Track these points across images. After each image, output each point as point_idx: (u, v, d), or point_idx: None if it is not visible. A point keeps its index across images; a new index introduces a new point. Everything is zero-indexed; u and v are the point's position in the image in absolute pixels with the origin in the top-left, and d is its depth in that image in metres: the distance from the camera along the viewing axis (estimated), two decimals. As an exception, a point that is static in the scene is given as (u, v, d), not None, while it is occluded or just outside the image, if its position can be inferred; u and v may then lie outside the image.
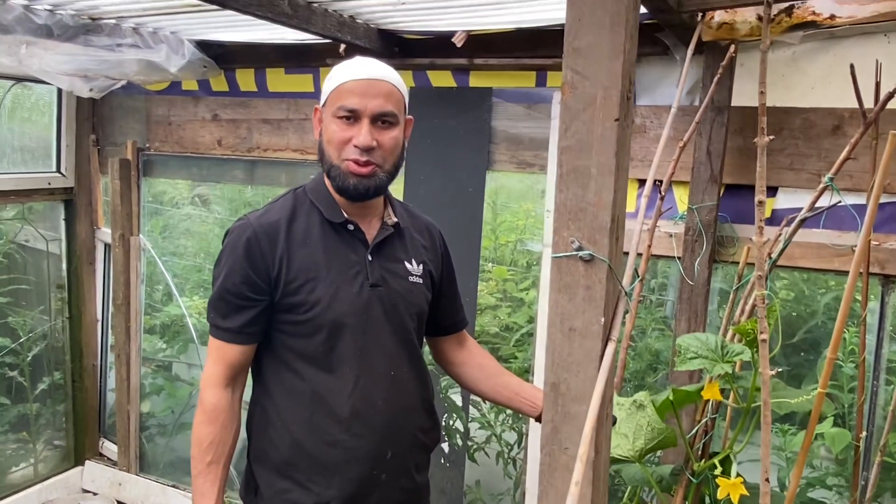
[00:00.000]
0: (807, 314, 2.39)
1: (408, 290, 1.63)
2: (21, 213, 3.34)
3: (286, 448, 1.58)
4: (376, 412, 1.57)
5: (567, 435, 1.09)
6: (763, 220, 1.07)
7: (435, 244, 1.76)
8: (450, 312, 1.82)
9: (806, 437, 1.40)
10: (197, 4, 2.19)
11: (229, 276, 1.54)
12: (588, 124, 1.04)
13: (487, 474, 2.95)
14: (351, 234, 1.59)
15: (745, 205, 2.22)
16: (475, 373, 1.83)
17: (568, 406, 1.09)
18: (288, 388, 1.59)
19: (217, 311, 1.57)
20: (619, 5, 1.00)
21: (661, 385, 2.55)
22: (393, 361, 1.60)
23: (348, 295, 1.55)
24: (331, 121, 1.53)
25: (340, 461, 1.56)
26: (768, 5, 1.01)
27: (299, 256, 1.54)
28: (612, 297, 1.08)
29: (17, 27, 2.35)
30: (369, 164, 1.51)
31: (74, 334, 3.58)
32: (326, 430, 1.56)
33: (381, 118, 1.52)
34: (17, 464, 3.41)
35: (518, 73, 2.57)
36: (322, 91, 1.58)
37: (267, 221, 1.56)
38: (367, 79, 1.52)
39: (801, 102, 2.11)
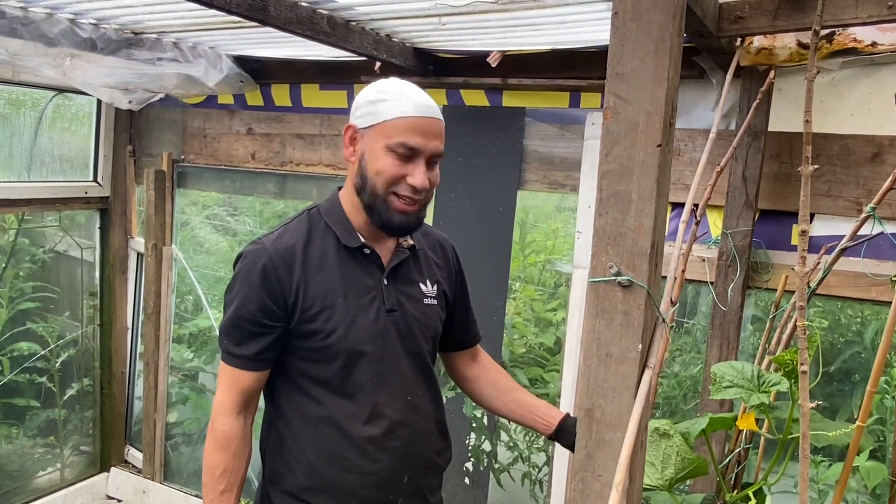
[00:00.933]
0: (840, 343, 2.35)
1: (423, 314, 1.61)
2: (59, 222, 3.39)
3: (302, 472, 1.56)
4: (393, 437, 1.56)
5: (601, 462, 1.08)
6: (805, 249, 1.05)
7: (448, 261, 1.73)
8: (463, 328, 1.79)
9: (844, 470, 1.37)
10: (237, 21, 2.21)
11: (244, 304, 1.50)
12: (630, 150, 1.03)
13: (513, 496, 2.92)
14: (367, 258, 1.56)
15: (780, 231, 2.19)
16: (488, 388, 1.80)
17: (603, 433, 1.07)
18: (303, 413, 1.56)
19: (230, 337, 1.53)
20: (664, 32, 1.00)
21: (691, 412, 2.51)
22: (409, 386, 1.59)
23: (365, 322, 1.52)
24: (384, 153, 1.46)
25: (356, 486, 1.55)
26: (816, 33, 0.99)
27: (315, 283, 1.51)
28: (649, 323, 1.07)
29: (62, 40, 2.40)
30: (417, 204, 1.49)
31: (104, 341, 3.62)
32: (342, 455, 1.54)
33: (435, 158, 1.50)
34: (45, 468, 3.44)
35: (551, 94, 2.57)
36: (365, 111, 1.50)
37: (283, 246, 1.52)
38: (429, 118, 1.48)
39: (839, 129, 2.08)
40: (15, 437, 3.29)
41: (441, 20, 2.12)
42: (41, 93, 3.19)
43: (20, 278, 3.22)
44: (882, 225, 1.62)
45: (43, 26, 2.34)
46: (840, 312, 2.40)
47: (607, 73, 1.03)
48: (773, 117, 2.14)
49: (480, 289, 1.86)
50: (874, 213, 1.48)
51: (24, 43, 2.36)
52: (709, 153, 1.88)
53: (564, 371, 2.61)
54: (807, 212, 1.03)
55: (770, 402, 1.43)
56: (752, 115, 2.05)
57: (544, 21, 2.06)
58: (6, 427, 3.25)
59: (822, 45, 2.00)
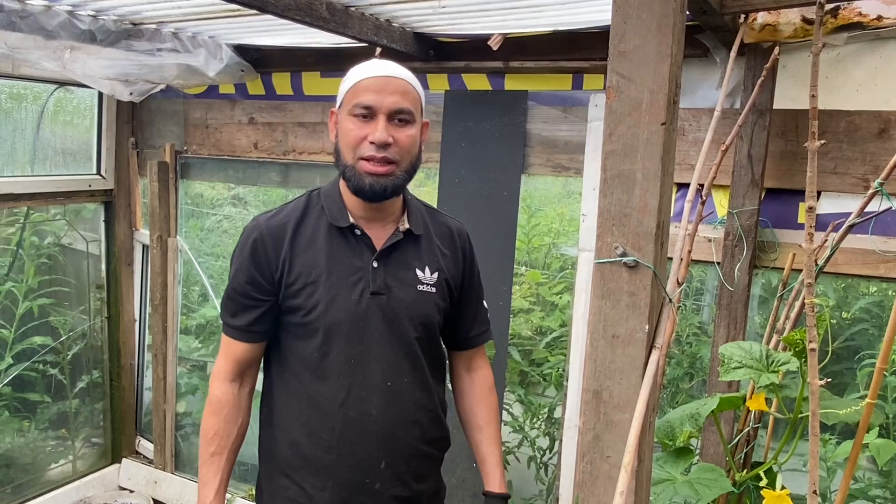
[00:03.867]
0: (845, 321, 2.34)
1: (413, 299, 1.59)
2: (63, 215, 3.40)
3: (286, 448, 1.61)
4: (370, 421, 1.56)
5: (609, 443, 1.07)
6: (813, 227, 1.03)
7: (456, 251, 1.70)
8: (462, 325, 1.75)
9: (854, 448, 1.36)
10: (235, 10, 2.20)
11: (237, 276, 1.58)
12: (633, 129, 1.02)
13: (519, 478, 2.93)
14: (357, 238, 1.57)
15: (786, 209, 2.18)
16: (464, 413, 1.81)
17: (611, 414, 1.07)
18: (289, 390, 1.61)
19: (226, 309, 1.62)
20: (666, 7, 0.99)
21: (697, 392, 2.51)
22: (391, 372, 1.58)
23: (346, 302, 1.54)
24: (346, 119, 1.51)
25: (334, 466, 1.57)
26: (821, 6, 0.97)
27: (301, 259, 1.55)
28: (656, 304, 1.06)
29: (61, 32, 2.39)
30: (386, 163, 1.49)
31: (113, 334, 3.64)
32: (321, 434, 1.57)
33: (397, 115, 1.50)
34: (57, 460, 3.47)
35: (554, 76, 2.55)
36: (338, 93, 1.58)
37: (275, 223, 1.58)
38: (383, 76, 1.52)
39: (845, 105, 2.06)
40: (27, 430, 3.32)
41: (441, 3, 2.10)
42: (42, 86, 3.19)
43: (29, 272, 3.23)
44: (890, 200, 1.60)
45: (41, 19, 2.33)
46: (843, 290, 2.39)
47: (609, 51, 1.02)
48: (778, 95, 2.12)
49: (485, 274, 1.84)
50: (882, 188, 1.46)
51: (23, 36, 2.35)
52: (713, 132, 1.86)
53: (571, 354, 2.61)
54: (814, 188, 1.02)
55: (779, 381, 1.42)
56: (757, 92, 2.03)
57: (546, 2, 2.05)
58: (18, 420, 3.27)
59: (827, 19, 1.97)
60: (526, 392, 2.95)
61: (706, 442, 2.24)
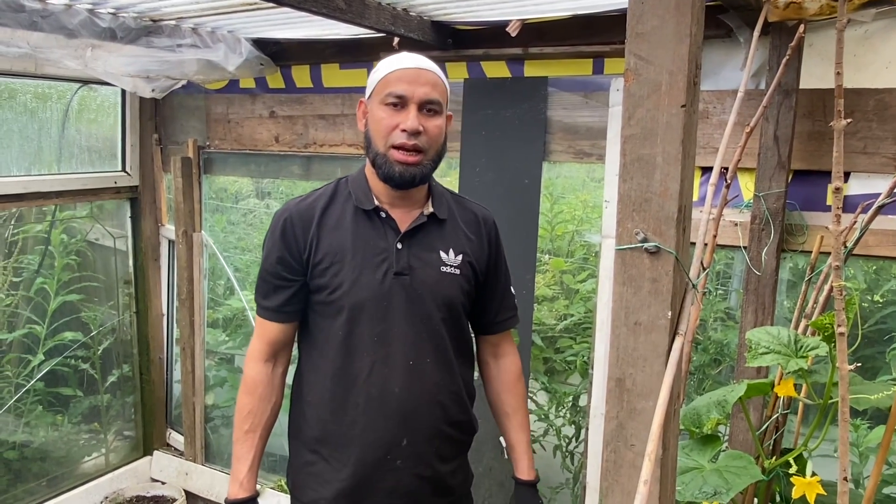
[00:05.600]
0: (875, 304, 2.29)
1: (436, 280, 1.63)
2: (90, 212, 3.44)
3: (314, 424, 1.65)
4: (392, 399, 1.60)
5: (633, 431, 1.06)
6: (840, 208, 1.01)
7: (481, 236, 1.73)
8: (489, 310, 1.78)
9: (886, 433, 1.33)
10: (253, 3, 2.21)
11: (268, 257, 1.64)
12: (653, 111, 1.00)
13: (545, 467, 2.92)
14: (382, 221, 1.62)
15: (814, 191, 2.14)
16: (493, 402, 1.84)
17: (634, 402, 1.06)
18: (315, 368, 1.66)
19: (259, 290, 1.68)
20: (684, -13, 0.97)
21: (725, 379, 2.48)
22: (413, 351, 1.61)
23: (370, 281, 1.58)
24: (378, 108, 1.56)
25: (357, 442, 1.61)
26: (846, -20, 0.95)
27: (328, 240, 1.60)
28: (679, 290, 1.04)
29: (82, 31, 2.41)
30: (416, 152, 1.54)
31: (141, 328, 3.68)
32: (345, 411, 1.61)
33: (427, 105, 1.55)
34: (90, 454, 3.53)
35: (574, 62, 2.52)
36: (368, 84, 1.62)
37: (303, 206, 1.64)
38: (414, 68, 1.57)
39: (874, 83, 2.01)
40: (60, 424, 3.38)
41: (457, -10, 2.09)
42: (66, 85, 3.23)
43: (59, 269, 3.28)
44: (921, 180, 1.57)
45: (62, 18, 2.35)
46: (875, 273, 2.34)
47: (627, 33, 1.00)
48: (805, 74, 2.07)
49: (508, 262, 1.84)
50: (913, 167, 1.42)
51: (44, 36, 2.37)
52: (738, 114, 1.83)
53: (597, 342, 2.59)
54: (840, 169, 1.00)
55: (808, 366, 1.40)
56: (783, 72, 1.98)
57: (563, -14, 2.02)
58: (51, 415, 3.33)
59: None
60: (550, 380, 2.94)
61: (734, 429, 2.22)
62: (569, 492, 2.87)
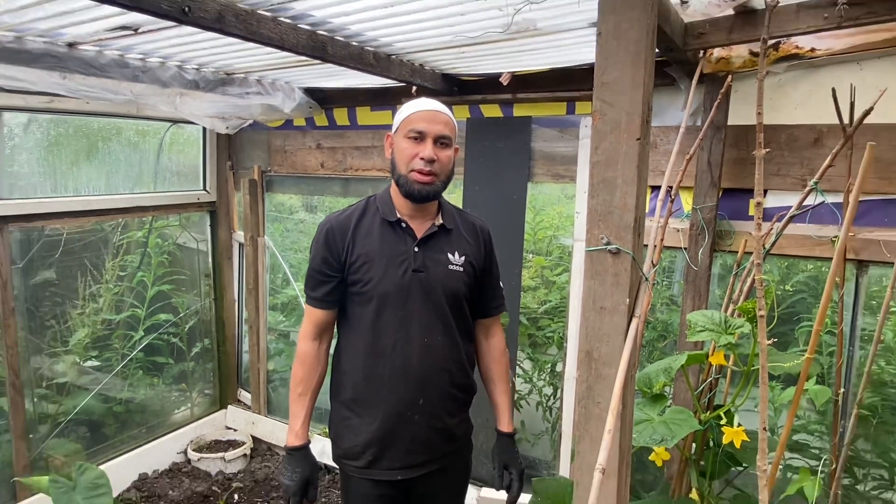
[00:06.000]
0: (787, 292, 2.28)
1: (445, 276, 1.62)
2: (179, 221, 3.46)
3: (349, 388, 1.64)
4: (411, 368, 1.59)
5: (599, 392, 1.06)
6: (761, 218, 1.00)
7: (479, 242, 1.72)
8: (482, 300, 1.75)
9: (796, 393, 1.32)
10: (304, 60, 2.21)
11: (314, 258, 1.63)
12: (614, 144, 1.00)
13: (530, 419, 2.92)
14: (403, 230, 1.61)
15: (739, 205, 2.12)
16: (483, 371, 1.83)
17: (600, 369, 1.05)
18: (351, 345, 1.64)
19: (308, 284, 1.66)
20: (639, 47, 0.96)
21: (669, 351, 2.47)
22: (427, 331, 1.60)
23: (394, 277, 1.57)
24: (402, 140, 1.56)
25: (384, 402, 1.60)
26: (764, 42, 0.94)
27: (360, 245, 1.59)
28: (634, 282, 1.04)
29: (173, 82, 2.42)
30: (430, 175, 1.54)
31: (218, 311, 3.69)
32: (375, 378, 1.60)
33: (440, 140, 1.55)
34: (178, 408, 3.54)
35: (552, 104, 2.51)
36: (394, 121, 1.62)
37: (341, 219, 1.63)
38: (431, 110, 1.56)
39: (785, 120, 2.00)
40: (156, 385, 3.39)
41: (461, 50, 2.09)
42: (160, 124, 3.24)
43: (154, 265, 3.30)
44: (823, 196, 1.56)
45: (158, 72, 2.37)
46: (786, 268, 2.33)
47: (594, 82, 1.00)
48: (732, 113, 2.07)
49: (500, 260, 1.83)
50: (816, 186, 1.41)
51: (144, 86, 2.39)
52: (680, 144, 1.82)
53: (570, 321, 2.58)
54: (761, 188, 0.99)
55: (735, 341, 1.39)
56: (714, 112, 1.98)
57: (544, 46, 2.02)
58: (149, 378, 3.34)
59: (770, 52, 1.91)
60: (533, 351, 2.93)
61: (677, 390, 2.21)
62: (548, 438, 2.86)
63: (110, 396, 3.13)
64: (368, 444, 1.61)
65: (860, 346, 2.00)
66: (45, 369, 2.85)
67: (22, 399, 2.71)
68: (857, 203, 1.28)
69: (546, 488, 1.87)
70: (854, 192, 1.27)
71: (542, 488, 1.88)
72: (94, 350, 3.06)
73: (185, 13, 1.44)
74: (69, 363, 2.95)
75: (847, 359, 1.98)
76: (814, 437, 2.19)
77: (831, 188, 1.88)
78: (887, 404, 2.06)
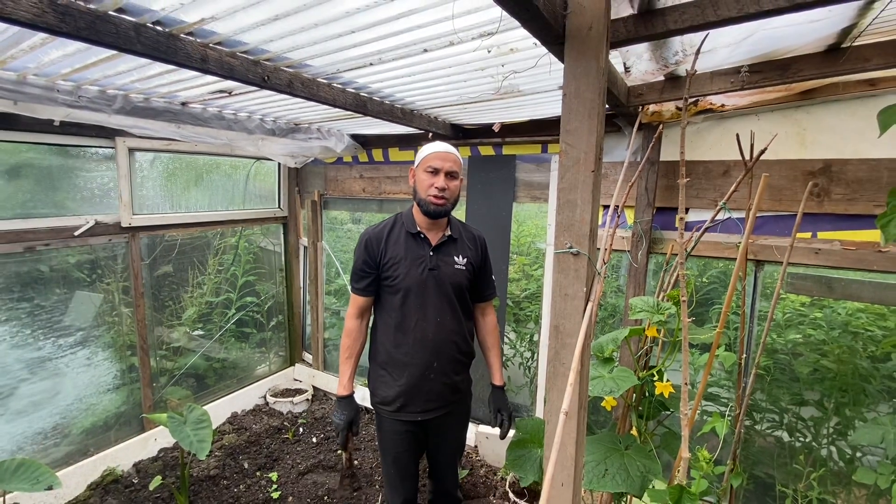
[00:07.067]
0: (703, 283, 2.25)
1: (453, 273, 1.61)
2: (261, 230, 3.48)
3: (383, 354, 1.63)
4: (427, 340, 1.59)
5: (564, 356, 1.05)
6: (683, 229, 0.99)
7: (477, 248, 1.71)
8: (479, 289, 1.75)
9: (709, 357, 1.31)
10: (351, 115, 2.22)
11: (357, 260, 1.62)
12: (575, 174, 0.99)
13: (514, 374, 2.90)
14: (421, 240, 1.60)
15: (668, 219, 2.10)
16: (480, 341, 1.81)
17: (564, 339, 1.05)
18: (385, 322, 1.63)
19: (352, 279, 1.67)
20: (593, 104, 0.96)
21: (616, 326, 2.45)
22: (439, 313, 1.60)
23: (415, 274, 1.56)
24: (422, 173, 1.55)
25: (408, 364, 1.59)
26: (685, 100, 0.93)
27: (391, 250, 1.58)
28: (590, 275, 1.03)
29: (256, 130, 2.44)
30: (443, 199, 1.53)
31: (289, 296, 3.70)
32: (401, 347, 1.59)
33: (450, 174, 1.54)
34: (260, 365, 3.55)
35: (531, 145, 2.51)
36: (416, 159, 1.61)
37: (377, 231, 1.63)
38: (443, 151, 1.55)
39: (702, 157, 1.98)
40: (243, 348, 3.40)
41: (465, 106, 2.09)
42: (247, 161, 3.26)
43: (243, 262, 3.32)
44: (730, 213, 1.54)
45: (245, 123, 2.39)
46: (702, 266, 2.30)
47: (560, 129, 0.99)
48: (663, 152, 2.05)
49: (493, 258, 1.83)
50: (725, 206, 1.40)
51: (235, 133, 2.41)
52: (624, 175, 1.81)
53: (543, 304, 2.57)
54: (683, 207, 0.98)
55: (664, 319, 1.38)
56: (650, 151, 1.96)
57: (525, 103, 2.02)
58: (239, 343, 3.36)
59: (691, 107, 1.90)
60: (517, 326, 2.92)
61: (622, 354, 2.19)
62: (527, 389, 2.84)
63: (211, 356, 3.15)
64: (398, 395, 1.61)
65: (757, 323, 1.97)
66: (164, 336, 2.88)
67: (148, 358, 2.74)
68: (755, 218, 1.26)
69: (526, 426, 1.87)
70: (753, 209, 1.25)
71: (523, 426, 1.87)
72: (200, 323, 3.08)
73: (264, 81, 1.45)
74: (181, 332, 2.98)
75: (748, 332, 1.96)
76: (723, 390, 2.16)
77: (736, 206, 1.87)
78: (777, 366, 2.03)
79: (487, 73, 1.57)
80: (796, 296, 2.00)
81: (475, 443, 2.78)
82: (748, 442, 2.06)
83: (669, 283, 1.67)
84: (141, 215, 2.66)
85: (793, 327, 2.03)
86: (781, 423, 2.04)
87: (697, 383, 2.16)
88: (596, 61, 0.94)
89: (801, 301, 2.04)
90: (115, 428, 2.63)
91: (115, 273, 2.60)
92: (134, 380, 2.70)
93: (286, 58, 1.44)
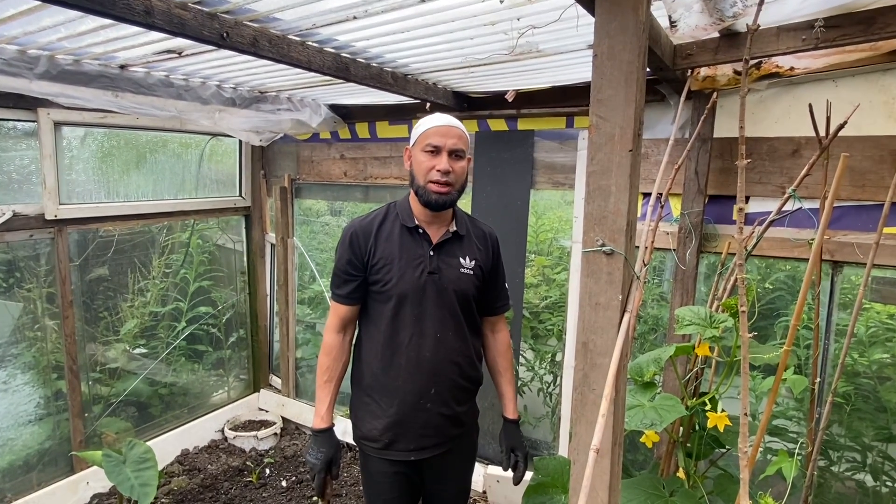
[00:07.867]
0: (766, 290, 2.25)
1: (457, 278, 1.59)
2: (217, 224, 3.48)
3: (369, 377, 1.62)
4: (424, 361, 1.57)
5: (594, 380, 1.05)
6: (743, 222, 0.99)
7: (488, 247, 1.69)
8: (489, 299, 1.73)
9: (775, 382, 1.31)
10: (329, 80, 2.22)
11: (340, 259, 1.60)
12: (609, 154, 0.99)
13: (532, 403, 2.91)
14: (420, 235, 1.58)
15: (723, 210, 2.11)
16: (490, 363, 1.81)
17: (595, 359, 1.05)
18: (371, 338, 1.62)
19: (333, 283, 1.64)
20: (631, 67, 0.96)
21: (659, 342, 2.45)
22: (439, 327, 1.58)
23: (411, 278, 1.55)
24: (419, 154, 1.53)
25: (400, 390, 1.58)
26: (747, 62, 0.93)
27: (381, 248, 1.57)
28: (627, 280, 1.03)
29: (212, 100, 2.44)
30: (446, 185, 1.51)
31: (252, 305, 3.72)
32: (392, 369, 1.58)
33: (454, 152, 1.52)
34: (216, 391, 3.57)
35: (552, 119, 2.51)
36: (412, 136, 1.59)
37: (364, 223, 1.61)
38: (445, 125, 1.53)
39: (766, 133, 1.98)
40: (197, 370, 3.42)
41: (470, 70, 2.09)
42: (201, 137, 3.27)
43: (196, 263, 3.32)
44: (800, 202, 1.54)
45: (199, 91, 2.39)
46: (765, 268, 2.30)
47: (591, 99, 0.99)
48: (717, 127, 2.05)
49: (505, 260, 1.82)
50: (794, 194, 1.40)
51: (187, 103, 2.41)
52: (669, 155, 1.81)
53: (568, 316, 2.57)
54: (743, 195, 0.98)
55: (719, 334, 1.38)
56: (701, 126, 1.96)
57: (545, 66, 2.01)
58: (191, 363, 3.37)
59: (752, 71, 1.90)
60: (535, 342, 2.93)
61: (666, 378, 2.19)
62: (548, 421, 2.85)
63: (156, 380, 3.16)
64: (385, 428, 1.60)
65: (834, 339, 1.97)
66: (98, 355, 2.89)
67: (78, 382, 2.75)
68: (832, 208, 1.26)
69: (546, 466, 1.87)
70: (829, 198, 1.25)
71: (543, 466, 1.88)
72: (142, 339, 3.09)
73: (223, 38, 1.45)
74: (120, 350, 2.99)
75: (822, 351, 1.96)
76: (791, 422, 2.16)
77: (808, 195, 1.87)
78: (859, 393, 2.03)
79: (499, 28, 1.56)
80: (883, 305, 2.00)
81: (483, 487, 2.79)
82: (822, 487, 2.06)
83: (725, 289, 1.67)
84: (69, 205, 2.67)
85: (879, 344, 2.03)
86: (864, 464, 2.04)
87: (760, 414, 2.16)
88: (634, 14, 0.94)
89: (888, 312, 2.04)
90: (37, 469, 2.64)
91: (38, 277, 2.61)
92: (61, 409, 2.71)
93: (250, 9, 1.45)
